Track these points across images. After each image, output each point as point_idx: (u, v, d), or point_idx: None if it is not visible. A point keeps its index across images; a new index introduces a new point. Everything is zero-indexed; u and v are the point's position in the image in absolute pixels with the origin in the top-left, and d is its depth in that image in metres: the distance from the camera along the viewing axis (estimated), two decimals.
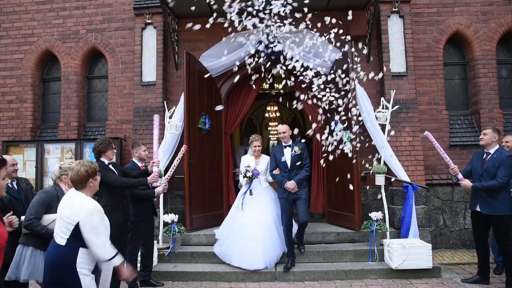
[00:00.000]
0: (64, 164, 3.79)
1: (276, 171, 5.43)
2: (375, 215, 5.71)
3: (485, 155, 4.75)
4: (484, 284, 4.77)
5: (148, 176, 4.68)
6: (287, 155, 5.37)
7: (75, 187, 2.95)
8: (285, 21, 4.60)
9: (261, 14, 4.52)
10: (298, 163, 5.34)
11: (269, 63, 5.86)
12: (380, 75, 5.48)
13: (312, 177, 6.88)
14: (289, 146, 5.44)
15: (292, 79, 5.00)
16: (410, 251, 5.17)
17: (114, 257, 2.82)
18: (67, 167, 3.68)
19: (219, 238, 5.62)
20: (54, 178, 3.81)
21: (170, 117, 6.40)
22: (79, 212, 2.78)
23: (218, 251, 5.47)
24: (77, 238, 2.76)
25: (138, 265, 4.90)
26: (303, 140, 5.46)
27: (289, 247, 5.28)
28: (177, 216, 5.89)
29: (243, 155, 6.15)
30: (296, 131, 5.38)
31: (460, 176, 4.81)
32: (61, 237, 2.81)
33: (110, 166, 4.39)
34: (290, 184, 5.23)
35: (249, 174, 5.49)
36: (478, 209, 4.69)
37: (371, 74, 5.06)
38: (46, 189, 3.83)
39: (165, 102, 6.59)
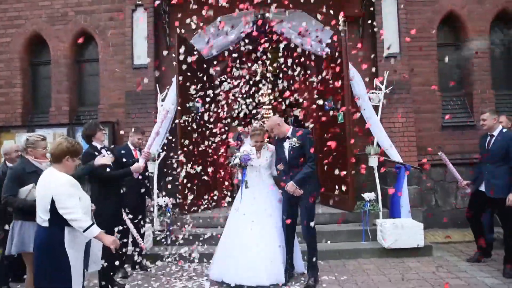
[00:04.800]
0: (32, 137, 3.76)
1: (280, 166, 4.48)
2: (368, 195, 5.77)
3: (489, 137, 4.70)
4: (485, 257, 4.91)
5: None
6: (286, 149, 4.41)
7: (51, 160, 2.92)
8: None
9: None
10: (299, 158, 4.31)
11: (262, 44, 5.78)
12: None
13: None
14: (288, 137, 4.45)
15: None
16: (402, 230, 5.26)
17: (90, 227, 2.77)
18: (33, 140, 3.68)
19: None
20: (21, 149, 3.84)
21: (163, 100, 6.34)
22: (51, 187, 2.77)
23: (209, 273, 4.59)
24: (58, 216, 2.75)
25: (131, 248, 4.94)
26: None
27: (288, 254, 4.46)
28: (171, 199, 5.90)
29: (242, 143, 5.91)
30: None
31: (468, 191, 5.06)
32: (43, 220, 2.80)
33: (103, 151, 4.27)
34: (289, 187, 4.26)
35: (236, 160, 4.47)
36: (482, 189, 4.70)
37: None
38: (14, 165, 3.88)
39: (157, 85, 6.51)
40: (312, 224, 4.31)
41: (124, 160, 4.62)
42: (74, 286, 2.80)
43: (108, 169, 4.12)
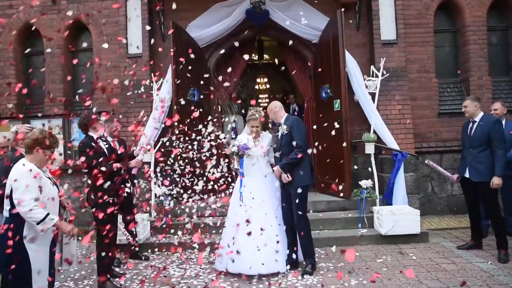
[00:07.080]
0: (21, 129, 3.74)
1: (277, 154, 4.43)
2: (365, 183, 5.79)
3: (471, 124, 4.76)
4: (477, 249, 4.89)
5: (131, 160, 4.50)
6: (279, 136, 4.43)
7: (24, 149, 2.91)
8: None
9: None
10: (290, 145, 4.23)
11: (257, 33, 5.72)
12: None
13: None
14: (281, 124, 4.45)
15: None
16: (399, 217, 5.28)
17: (45, 218, 2.67)
18: (22, 131, 3.63)
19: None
20: (10, 143, 3.87)
21: (158, 89, 6.29)
22: (12, 176, 2.72)
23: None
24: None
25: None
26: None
27: (290, 242, 4.46)
28: (167, 188, 5.87)
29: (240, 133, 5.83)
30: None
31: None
32: (5, 210, 2.75)
33: (100, 142, 4.20)
34: (276, 171, 4.34)
35: (234, 149, 4.42)
36: (467, 175, 4.74)
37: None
38: (13, 158, 3.82)
39: (152, 74, 6.45)
40: (301, 212, 4.25)
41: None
42: (35, 285, 2.69)
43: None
